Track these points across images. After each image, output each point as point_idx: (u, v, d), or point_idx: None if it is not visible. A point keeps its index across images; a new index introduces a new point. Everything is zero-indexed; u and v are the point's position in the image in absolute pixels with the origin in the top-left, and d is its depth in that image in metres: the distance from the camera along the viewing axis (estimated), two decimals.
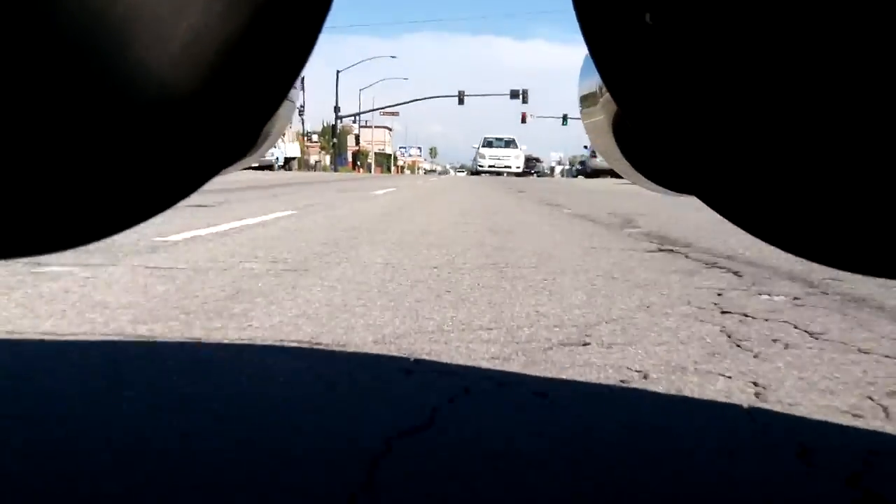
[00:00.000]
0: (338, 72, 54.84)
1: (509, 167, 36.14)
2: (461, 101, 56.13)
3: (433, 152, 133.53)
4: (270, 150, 9.13)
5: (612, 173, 27.17)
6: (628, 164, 0.95)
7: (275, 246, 4.23)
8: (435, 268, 3.54)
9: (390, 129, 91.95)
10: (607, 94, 0.81)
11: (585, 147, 38.13)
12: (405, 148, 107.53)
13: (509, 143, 38.82)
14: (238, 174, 23.59)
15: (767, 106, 0.57)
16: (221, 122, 0.56)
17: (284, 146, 36.62)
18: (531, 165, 75.57)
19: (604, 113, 0.94)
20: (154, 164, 0.56)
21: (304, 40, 0.55)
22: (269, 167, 32.42)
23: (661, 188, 0.94)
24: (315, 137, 66.11)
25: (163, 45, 0.51)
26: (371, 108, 67.05)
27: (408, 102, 66.69)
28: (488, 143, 38.72)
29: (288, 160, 37.26)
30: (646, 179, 0.95)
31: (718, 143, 0.59)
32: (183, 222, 5.20)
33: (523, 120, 60.18)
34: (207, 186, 0.69)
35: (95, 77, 0.51)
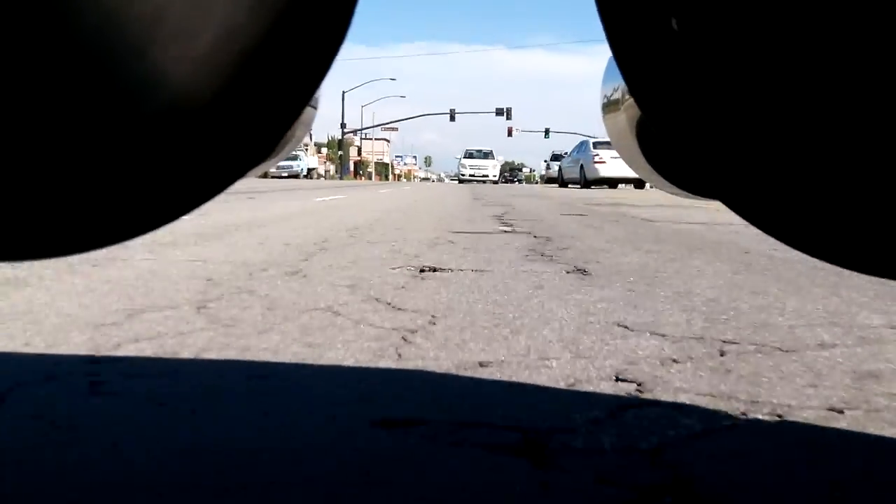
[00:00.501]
0: (343, 92, 63.68)
1: (486, 175, 43.53)
2: (452, 118, 64.91)
3: (428, 161, 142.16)
4: (298, 163, 22.00)
5: (557, 181, 35.26)
6: (651, 168, 0.96)
7: (389, 196, 12.96)
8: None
9: (388, 141, 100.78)
10: (630, 99, 0.87)
11: (545, 161, 46.50)
12: (401, 157, 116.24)
13: (487, 155, 47.12)
14: (297, 181, 30.55)
15: (791, 112, 0.57)
16: (245, 126, 0.56)
17: (307, 158, 45.34)
18: (514, 174, 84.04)
19: (626, 117, 0.95)
20: (178, 167, 0.56)
21: (327, 45, 0.55)
22: (296, 176, 40.91)
23: (683, 192, 0.95)
24: (323, 150, 75.00)
25: (187, 49, 0.51)
26: (372, 123, 76.16)
27: (405, 119, 75.47)
28: (469, 155, 46.87)
29: (310, 170, 46.00)
30: (669, 183, 0.95)
31: (742, 148, 0.59)
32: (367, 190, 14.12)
33: (509, 133, 69.07)
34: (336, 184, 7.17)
35: (119, 79, 0.51)
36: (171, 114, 0.54)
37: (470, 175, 44.16)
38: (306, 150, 49.52)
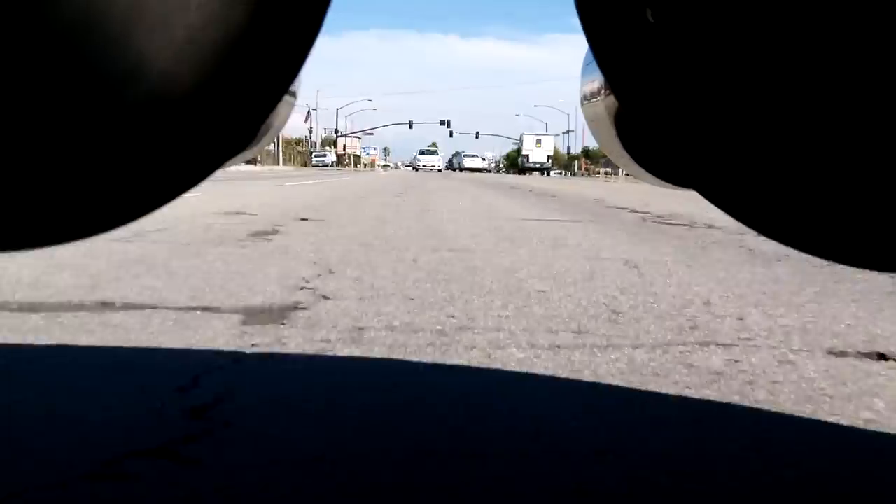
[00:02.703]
0: (337, 109, 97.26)
1: (434, 166, 75.09)
2: (410, 126, 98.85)
3: (387, 151, 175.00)
4: (327, 157, 67.59)
5: (473, 169, 70.81)
6: (629, 157, 0.97)
7: (388, 175, 46.72)
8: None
9: (360, 138, 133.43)
10: (608, 89, 0.87)
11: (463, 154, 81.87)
12: (366, 148, 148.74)
13: (433, 152, 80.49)
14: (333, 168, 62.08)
15: (766, 101, 0.58)
16: (225, 114, 0.55)
17: (331, 154, 78.31)
18: (454, 163, 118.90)
19: (605, 107, 0.96)
20: (157, 157, 0.56)
21: (305, 34, 0.55)
22: (326, 165, 73.07)
23: (661, 181, 0.97)
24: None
25: (166, 37, 0.50)
26: (351, 128, 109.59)
27: (377, 128, 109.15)
28: (422, 152, 79.48)
29: (332, 162, 78.69)
30: (646, 173, 0.97)
31: (718, 138, 0.60)
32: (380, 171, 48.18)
33: (451, 135, 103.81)
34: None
35: (98, 70, 0.51)
36: (151, 103, 0.53)
37: (422, 166, 76.30)
38: (333, 149, 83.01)
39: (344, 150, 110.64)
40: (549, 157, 69.84)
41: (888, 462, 1.50)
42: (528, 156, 70.32)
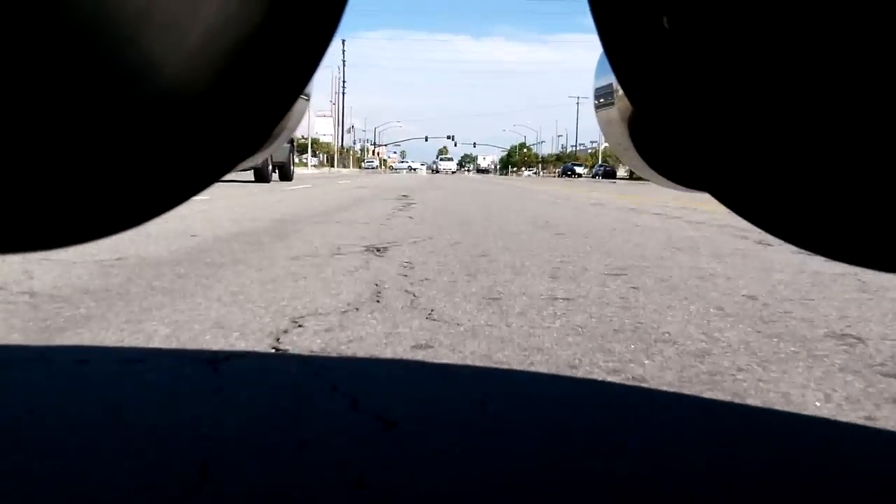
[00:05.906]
0: (376, 128, 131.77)
1: (449, 169, 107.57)
2: (426, 140, 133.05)
3: (403, 154, 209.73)
4: (374, 163, 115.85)
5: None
6: (642, 160, 0.97)
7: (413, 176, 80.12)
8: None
9: (386, 146, 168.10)
10: (622, 93, 0.87)
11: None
12: (388, 152, 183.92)
13: (448, 159, 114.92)
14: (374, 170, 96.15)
15: (780, 105, 0.58)
16: (237, 116, 0.55)
17: (376, 161, 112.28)
18: (459, 167, 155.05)
19: (618, 111, 0.97)
20: (169, 159, 0.56)
21: (319, 37, 0.55)
22: (373, 169, 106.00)
23: (674, 185, 0.97)
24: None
25: (179, 38, 0.50)
26: (378, 139, 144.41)
27: (404, 140, 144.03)
28: (440, 158, 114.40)
29: (377, 166, 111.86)
30: (659, 176, 0.97)
31: (732, 142, 0.60)
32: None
33: (455, 145, 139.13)
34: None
35: (110, 70, 0.50)
36: (164, 103, 0.53)
37: (440, 169, 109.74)
38: (377, 155, 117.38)
39: (378, 156, 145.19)
40: (490, 164, 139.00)
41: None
42: (480, 164, 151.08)
